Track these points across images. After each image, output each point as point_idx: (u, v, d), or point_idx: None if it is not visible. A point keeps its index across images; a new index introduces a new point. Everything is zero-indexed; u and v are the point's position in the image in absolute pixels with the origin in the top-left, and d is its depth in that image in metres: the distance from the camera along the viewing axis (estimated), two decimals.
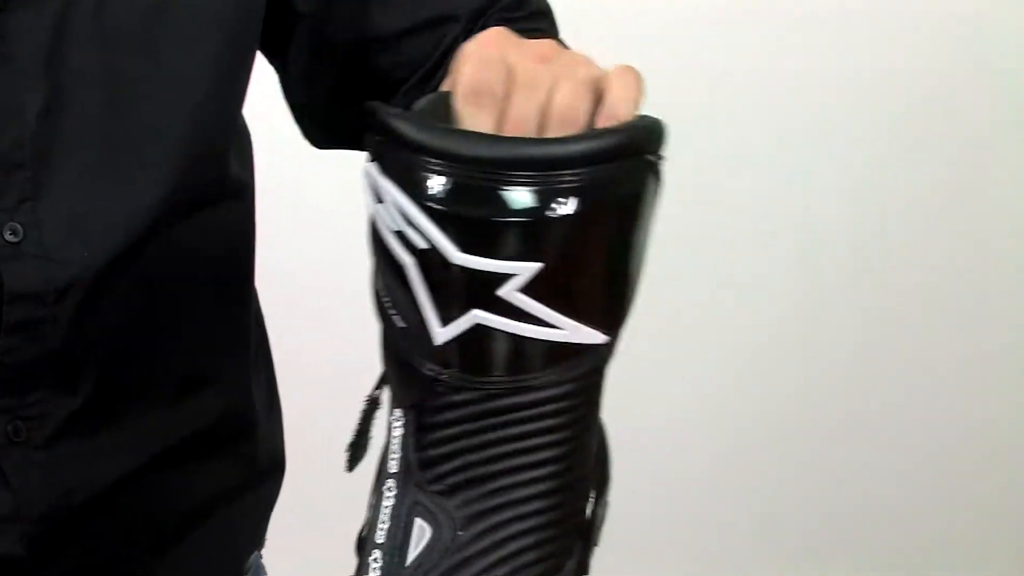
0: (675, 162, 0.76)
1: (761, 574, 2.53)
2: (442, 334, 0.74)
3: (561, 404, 0.76)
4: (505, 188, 0.71)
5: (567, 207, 0.71)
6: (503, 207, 0.71)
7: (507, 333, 0.73)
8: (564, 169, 0.71)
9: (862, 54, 2.31)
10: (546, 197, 0.71)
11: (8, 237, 0.94)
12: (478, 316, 0.73)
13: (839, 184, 2.38)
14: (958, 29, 2.32)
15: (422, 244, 0.73)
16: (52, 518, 0.98)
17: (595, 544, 0.81)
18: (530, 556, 0.77)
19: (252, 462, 1.11)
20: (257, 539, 1.15)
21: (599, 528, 0.81)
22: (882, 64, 2.32)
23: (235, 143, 1.06)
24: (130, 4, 0.99)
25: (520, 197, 0.71)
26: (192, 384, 1.05)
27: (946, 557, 2.59)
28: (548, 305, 0.73)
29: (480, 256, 0.72)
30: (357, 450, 0.81)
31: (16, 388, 0.96)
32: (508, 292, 0.72)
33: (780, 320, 2.45)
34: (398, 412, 0.78)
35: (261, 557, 1.17)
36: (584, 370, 0.76)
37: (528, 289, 0.72)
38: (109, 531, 1.01)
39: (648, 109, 0.76)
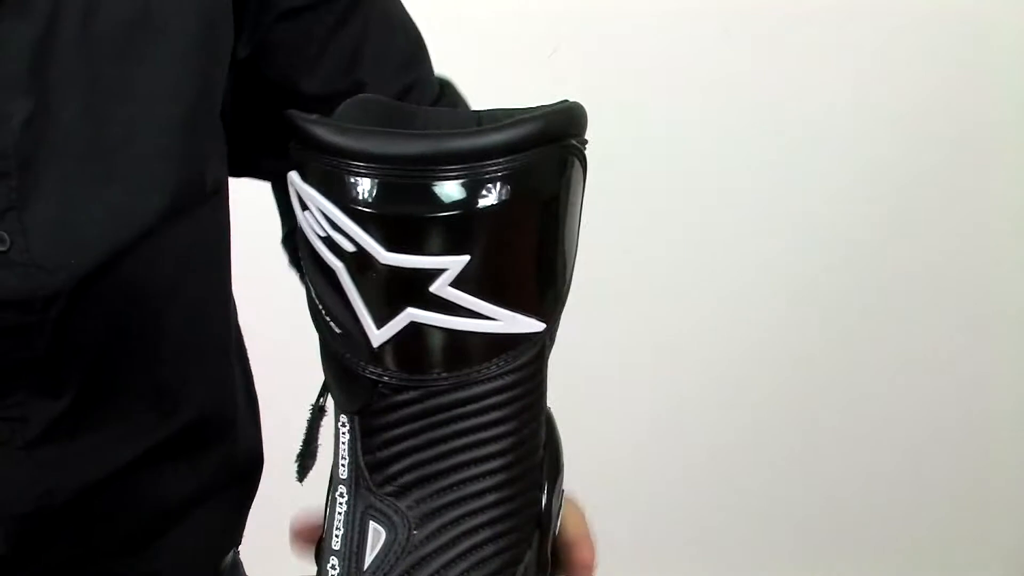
0: (673, 163, 0.77)
1: (761, 572, 2.53)
2: (379, 336, 0.74)
3: (505, 395, 0.76)
4: (434, 183, 0.71)
5: (494, 196, 0.72)
6: (433, 202, 0.71)
7: (443, 329, 0.74)
8: (489, 159, 0.71)
9: (861, 54, 2.31)
10: (474, 188, 0.71)
11: None
12: (412, 314, 0.73)
13: (836, 185, 2.39)
14: (959, 28, 2.33)
15: (350, 247, 0.73)
16: (34, 517, 0.99)
17: (553, 533, 0.82)
18: (488, 549, 0.77)
19: (231, 461, 1.11)
20: (234, 536, 1.15)
21: (556, 517, 0.81)
22: (882, 64, 2.33)
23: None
24: (115, 14, 1.00)
25: (449, 190, 0.71)
26: (173, 387, 1.06)
27: (944, 555, 2.58)
28: (481, 297, 0.73)
29: (408, 254, 0.72)
30: (306, 459, 0.82)
31: (1, 390, 0.98)
32: (439, 287, 0.73)
33: (774, 319, 2.45)
34: (344, 418, 0.78)
35: (238, 554, 1.18)
36: (525, 359, 0.76)
37: (459, 283, 0.73)
38: (89, 529, 1.02)
39: (643, 110, 0.77)
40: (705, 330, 2.41)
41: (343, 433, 0.78)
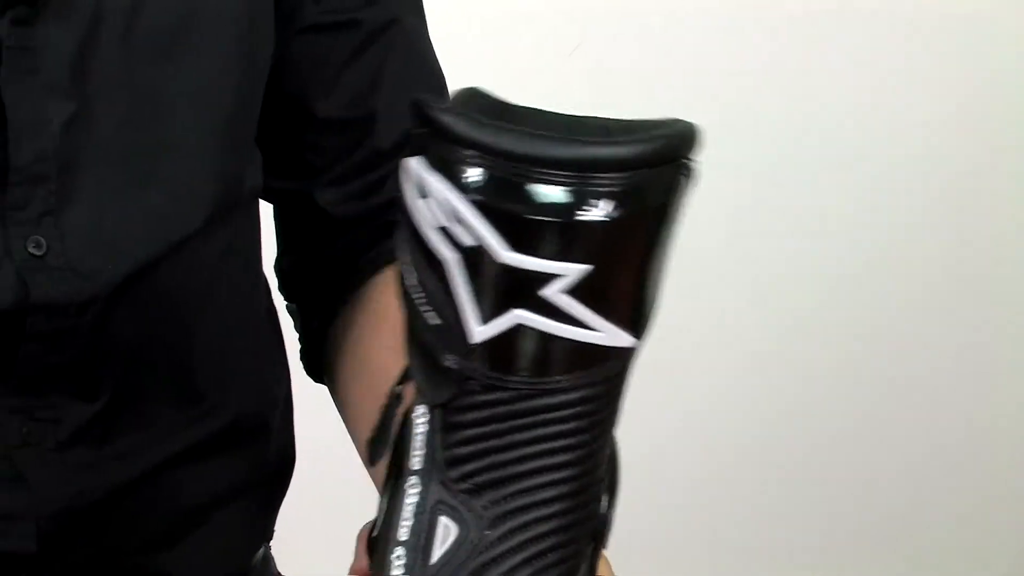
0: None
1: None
2: (480, 333, 0.74)
3: (587, 407, 0.77)
4: (536, 184, 0.71)
5: (602, 210, 0.72)
6: (536, 204, 0.71)
7: (546, 334, 0.74)
8: (598, 172, 0.71)
9: (871, 56, 2.32)
10: (579, 198, 0.71)
11: (32, 250, 0.96)
12: (519, 316, 0.73)
13: (848, 186, 2.39)
14: (967, 30, 2.34)
15: (468, 241, 0.73)
16: (65, 516, 0.99)
17: (604, 547, 0.82)
18: (551, 557, 0.77)
19: (263, 460, 1.11)
20: (265, 533, 1.15)
21: (608, 531, 0.81)
22: (891, 66, 2.34)
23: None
24: (158, 17, 1.00)
25: (552, 195, 0.71)
26: (207, 391, 1.06)
27: (955, 558, 2.58)
28: (589, 307, 0.74)
29: (528, 255, 0.72)
30: (378, 445, 0.81)
31: (33, 392, 0.98)
32: (552, 293, 0.73)
33: (788, 320, 2.45)
34: (421, 408, 0.78)
35: (269, 548, 1.17)
36: (612, 373, 0.77)
37: (572, 291, 0.73)
38: (119, 527, 1.02)
39: (665, 107, 0.77)
40: (713, 333, 2.40)
41: (418, 424, 0.78)
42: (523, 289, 0.73)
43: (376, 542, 0.81)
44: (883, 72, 2.36)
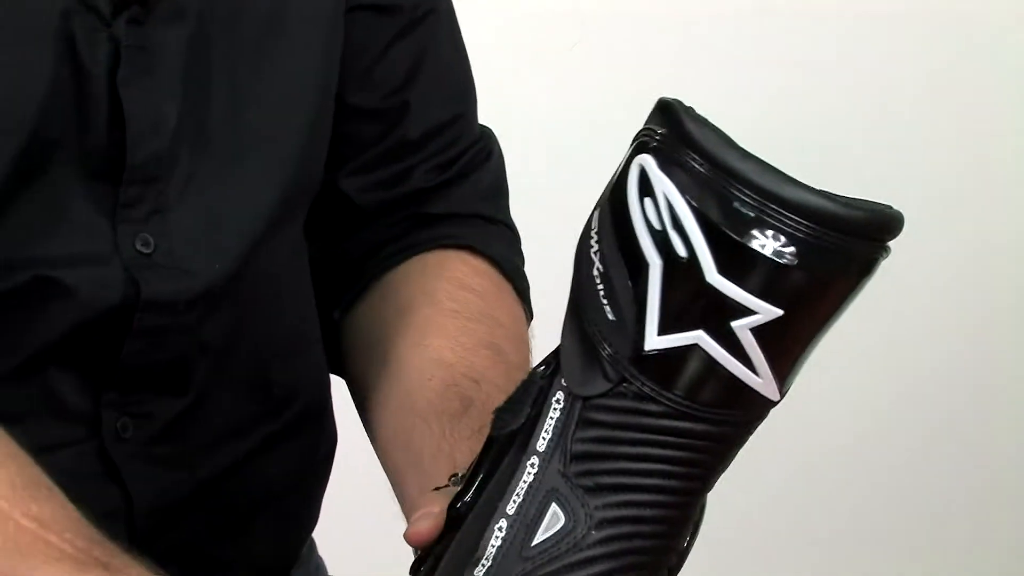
0: None
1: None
2: (655, 342, 0.75)
3: (718, 444, 0.78)
4: (767, 220, 0.72)
5: (812, 264, 0.73)
6: (757, 238, 0.72)
7: (716, 363, 0.75)
8: (824, 226, 0.73)
9: (873, 55, 2.34)
10: (801, 247, 0.73)
11: (140, 248, 0.97)
12: (700, 338, 0.75)
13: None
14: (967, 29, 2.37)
15: (682, 252, 0.74)
16: (156, 512, 0.99)
17: None
18: (643, 574, 0.78)
19: (317, 448, 1.12)
20: (315, 518, 1.15)
21: (680, 568, 0.83)
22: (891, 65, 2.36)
23: None
24: (257, 12, 1.01)
25: (775, 237, 0.73)
26: (284, 381, 1.07)
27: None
28: (763, 352, 0.75)
29: (736, 284, 0.73)
30: (506, 415, 0.81)
31: (129, 387, 0.99)
32: (740, 327, 0.74)
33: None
34: (561, 395, 0.78)
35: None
36: (748, 420, 0.78)
37: (757, 330, 0.74)
38: (197, 521, 1.02)
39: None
40: None
41: (555, 408, 0.78)
42: (715, 314, 0.74)
43: (464, 510, 0.81)
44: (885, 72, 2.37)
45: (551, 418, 0.78)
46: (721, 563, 2.35)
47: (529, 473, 0.78)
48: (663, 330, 0.75)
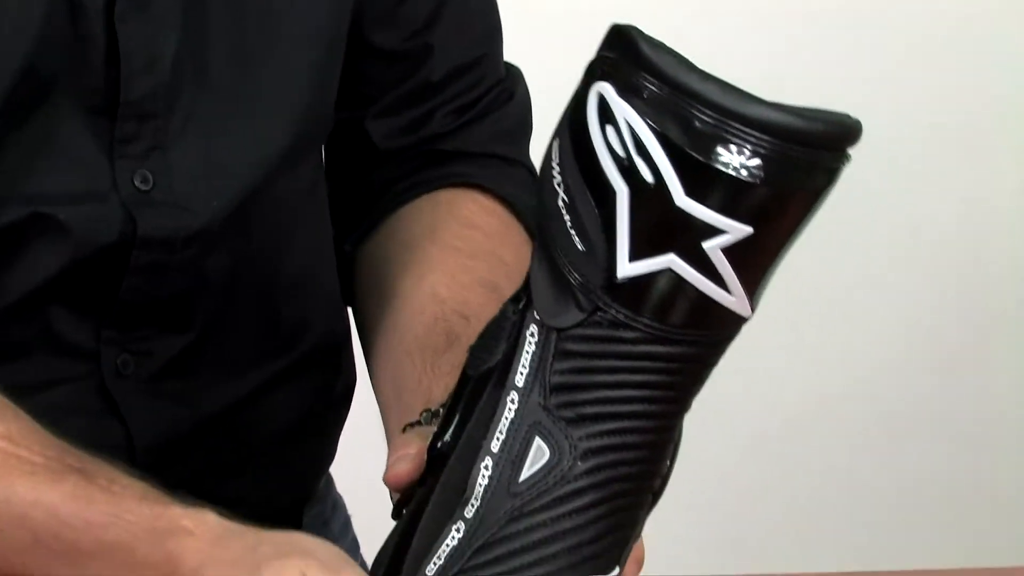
0: None
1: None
2: (627, 269, 0.75)
3: (693, 365, 0.78)
4: (729, 138, 0.72)
5: (780, 178, 0.73)
6: (721, 157, 0.72)
7: (689, 285, 0.75)
8: (789, 142, 0.73)
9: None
10: (767, 163, 0.73)
11: (139, 184, 0.97)
12: (673, 262, 0.75)
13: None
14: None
15: (649, 178, 0.74)
16: (158, 449, 1.00)
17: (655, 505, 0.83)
18: (625, 502, 0.79)
19: (332, 386, 1.11)
20: (330, 456, 1.15)
21: (663, 491, 0.83)
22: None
23: None
24: None
25: (738, 153, 0.73)
26: (293, 320, 1.07)
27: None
28: (735, 271, 0.75)
29: (705, 206, 0.73)
30: (482, 353, 0.80)
31: (129, 324, 1.00)
32: (711, 247, 0.74)
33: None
34: (534, 328, 0.78)
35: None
36: (721, 339, 0.78)
37: (729, 250, 0.74)
38: (202, 458, 1.03)
39: None
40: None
41: (530, 341, 0.78)
42: (686, 237, 0.74)
43: (445, 449, 0.81)
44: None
45: (527, 352, 0.78)
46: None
47: (510, 409, 0.78)
48: (634, 256, 0.75)
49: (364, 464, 1.00)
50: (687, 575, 1.07)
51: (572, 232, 0.76)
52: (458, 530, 0.77)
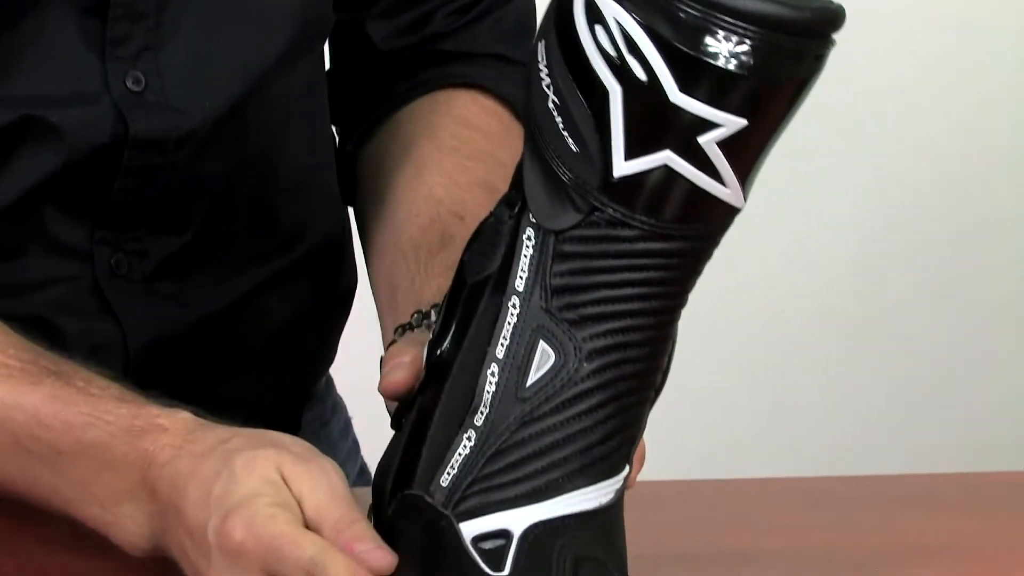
0: None
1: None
2: (623, 167, 0.75)
3: (690, 260, 0.78)
4: (717, 30, 0.72)
5: (769, 67, 0.73)
6: (711, 50, 0.72)
7: (685, 180, 0.75)
8: (779, 31, 0.73)
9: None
10: (756, 53, 0.73)
11: (131, 86, 0.98)
12: (669, 158, 0.75)
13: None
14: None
15: (641, 75, 0.73)
16: (153, 348, 1.00)
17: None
18: (630, 400, 0.79)
19: (334, 288, 1.11)
20: (330, 357, 1.15)
21: (663, 387, 0.83)
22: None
23: None
24: None
25: (729, 45, 0.73)
26: (290, 221, 1.07)
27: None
28: (730, 163, 0.75)
29: (699, 100, 0.73)
30: (482, 259, 0.80)
31: (122, 224, 1.00)
32: (707, 141, 0.74)
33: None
34: (530, 231, 0.78)
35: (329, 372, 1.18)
36: (717, 231, 0.78)
37: (724, 143, 0.74)
38: (199, 357, 1.03)
39: None
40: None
41: (527, 245, 0.78)
42: (681, 133, 0.74)
43: (446, 356, 0.80)
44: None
45: (524, 256, 0.78)
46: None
47: (512, 314, 0.78)
48: (630, 155, 0.75)
49: (365, 365, 0.99)
50: (682, 479, 1.07)
51: (565, 133, 0.76)
52: (469, 439, 0.77)
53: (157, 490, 0.84)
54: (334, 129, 1.14)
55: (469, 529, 0.76)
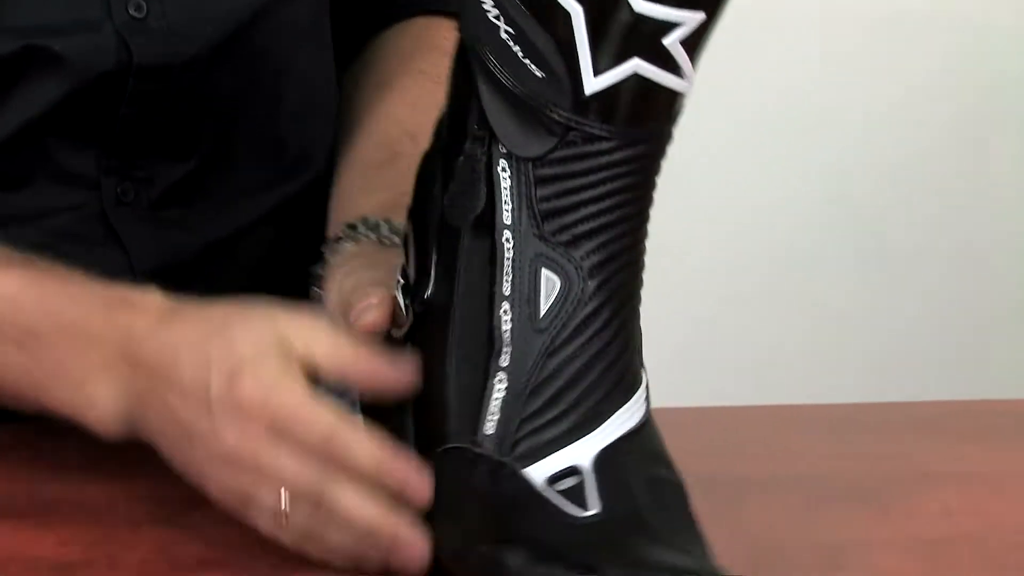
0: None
1: None
2: (594, 83, 0.75)
3: (656, 156, 0.79)
4: None
5: None
6: None
7: (652, 82, 0.76)
8: None
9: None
10: None
11: (133, 12, 0.98)
12: (638, 66, 0.75)
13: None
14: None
15: None
16: (159, 276, 0.96)
17: None
18: (629, 310, 0.80)
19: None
20: None
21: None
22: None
23: None
24: None
25: None
26: (293, 148, 1.08)
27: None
28: (689, 57, 0.76)
29: (661, 4, 0.74)
30: (468, 200, 0.79)
31: (129, 152, 1.01)
32: (671, 42, 0.75)
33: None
34: (504, 162, 0.78)
35: None
36: (673, 119, 0.79)
37: (685, 40, 0.75)
38: (204, 286, 0.98)
39: None
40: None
41: (504, 177, 0.77)
42: (647, 39, 0.74)
43: (435, 300, 0.80)
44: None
45: (504, 188, 0.77)
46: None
47: (508, 249, 0.77)
48: (598, 70, 0.75)
49: None
50: (696, 406, 1.10)
51: (527, 61, 0.76)
52: (500, 381, 0.77)
53: (140, 360, 0.83)
54: None
55: (537, 472, 0.75)
